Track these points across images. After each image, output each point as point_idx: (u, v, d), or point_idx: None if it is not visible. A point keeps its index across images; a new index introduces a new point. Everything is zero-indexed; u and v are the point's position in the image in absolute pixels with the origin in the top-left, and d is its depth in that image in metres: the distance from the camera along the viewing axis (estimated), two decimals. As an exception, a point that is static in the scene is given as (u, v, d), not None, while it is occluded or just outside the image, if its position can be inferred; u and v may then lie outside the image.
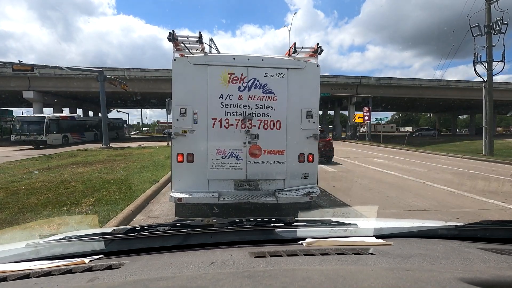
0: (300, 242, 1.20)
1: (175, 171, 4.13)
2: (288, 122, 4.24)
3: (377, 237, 1.27)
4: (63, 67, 17.87)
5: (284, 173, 4.29)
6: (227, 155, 4.18)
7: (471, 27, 14.40)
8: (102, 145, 18.79)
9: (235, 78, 4.09)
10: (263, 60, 4.14)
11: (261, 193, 4.23)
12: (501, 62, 14.39)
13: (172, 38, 3.91)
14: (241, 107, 4.14)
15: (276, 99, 4.18)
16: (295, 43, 4.18)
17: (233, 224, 1.29)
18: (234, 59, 4.11)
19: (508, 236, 1.30)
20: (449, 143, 24.18)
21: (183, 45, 4.07)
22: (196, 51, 4.18)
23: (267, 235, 1.28)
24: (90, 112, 41.29)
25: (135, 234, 1.20)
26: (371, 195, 6.25)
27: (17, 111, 33.67)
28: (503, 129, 71.89)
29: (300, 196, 4.09)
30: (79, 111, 37.27)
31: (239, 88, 4.11)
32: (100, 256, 1.13)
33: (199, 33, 3.91)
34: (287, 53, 4.47)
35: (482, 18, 14.45)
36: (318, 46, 4.25)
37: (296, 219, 1.41)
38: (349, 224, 1.40)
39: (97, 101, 19.27)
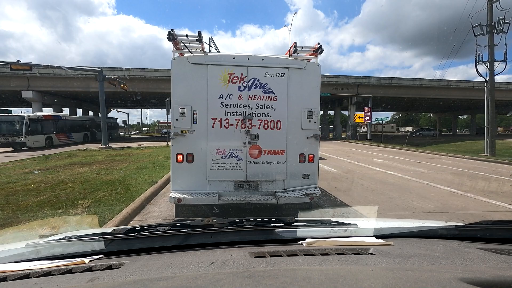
0: (300, 242, 1.20)
1: (174, 171, 4.10)
2: (288, 122, 4.22)
3: (377, 237, 1.27)
4: (62, 66, 17.83)
5: (284, 173, 4.27)
6: (227, 155, 4.16)
7: (472, 27, 14.34)
8: (101, 145, 18.86)
9: (235, 77, 4.07)
10: (263, 59, 4.11)
11: (261, 194, 4.21)
12: (503, 61, 14.35)
13: (171, 37, 3.87)
14: (241, 107, 4.11)
15: (276, 98, 4.16)
16: (296, 43, 4.15)
17: (233, 224, 1.29)
18: (234, 58, 4.08)
19: (508, 236, 1.29)
20: (450, 143, 24.13)
21: (182, 44, 4.05)
22: (195, 50, 4.16)
23: (267, 235, 1.28)
24: (90, 112, 41.29)
25: (135, 234, 1.20)
26: (374, 196, 6.16)
27: (16, 111, 33.70)
28: (503, 129, 71.83)
29: (300, 196, 4.05)
30: (79, 111, 37.26)
31: (239, 87, 4.09)
32: (100, 256, 1.13)
33: (199, 32, 3.88)
34: (288, 53, 4.44)
35: (483, 17, 14.44)
36: (318, 45, 4.21)
37: (296, 219, 1.40)
38: (349, 224, 1.40)
39: (97, 101, 19.27)
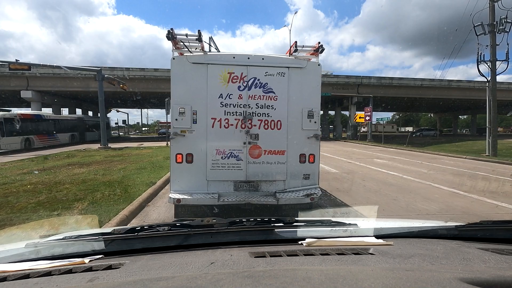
0: (300, 242, 1.20)
1: (174, 172, 4.07)
2: (288, 122, 4.19)
3: (377, 237, 1.27)
4: (62, 66, 17.81)
5: (284, 173, 4.24)
6: (227, 156, 4.13)
7: (474, 26, 14.29)
8: (100, 146, 18.90)
9: (235, 77, 4.04)
10: (263, 59, 4.08)
11: (261, 194, 4.19)
12: (505, 61, 14.30)
13: (171, 36, 3.84)
14: (241, 106, 4.08)
15: (276, 98, 4.13)
16: (296, 42, 4.12)
17: (233, 224, 1.29)
18: (234, 58, 4.06)
19: (508, 236, 1.29)
20: (451, 144, 24.06)
21: (182, 43, 4.03)
22: (195, 50, 4.14)
23: (267, 235, 1.28)
24: (89, 112, 41.27)
25: (135, 234, 1.20)
26: (377, 197, 6.08)
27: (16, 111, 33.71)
28: (503, 129, 71.78)
29: (301, 197, 4.03)
30: (78, 111, 37.21)
31: (239, 87, 4.06)
32: (100, 256, 1.13)
33: (199, 31, 3.85)
34: (288, 52, 4.42)
35: (484, 17, 14.39)
36: (319, 44, 4.19)
37: (296, 219, 1.40)
38: (349, 224, 1.40)
39: (97, 101, 19.25)
